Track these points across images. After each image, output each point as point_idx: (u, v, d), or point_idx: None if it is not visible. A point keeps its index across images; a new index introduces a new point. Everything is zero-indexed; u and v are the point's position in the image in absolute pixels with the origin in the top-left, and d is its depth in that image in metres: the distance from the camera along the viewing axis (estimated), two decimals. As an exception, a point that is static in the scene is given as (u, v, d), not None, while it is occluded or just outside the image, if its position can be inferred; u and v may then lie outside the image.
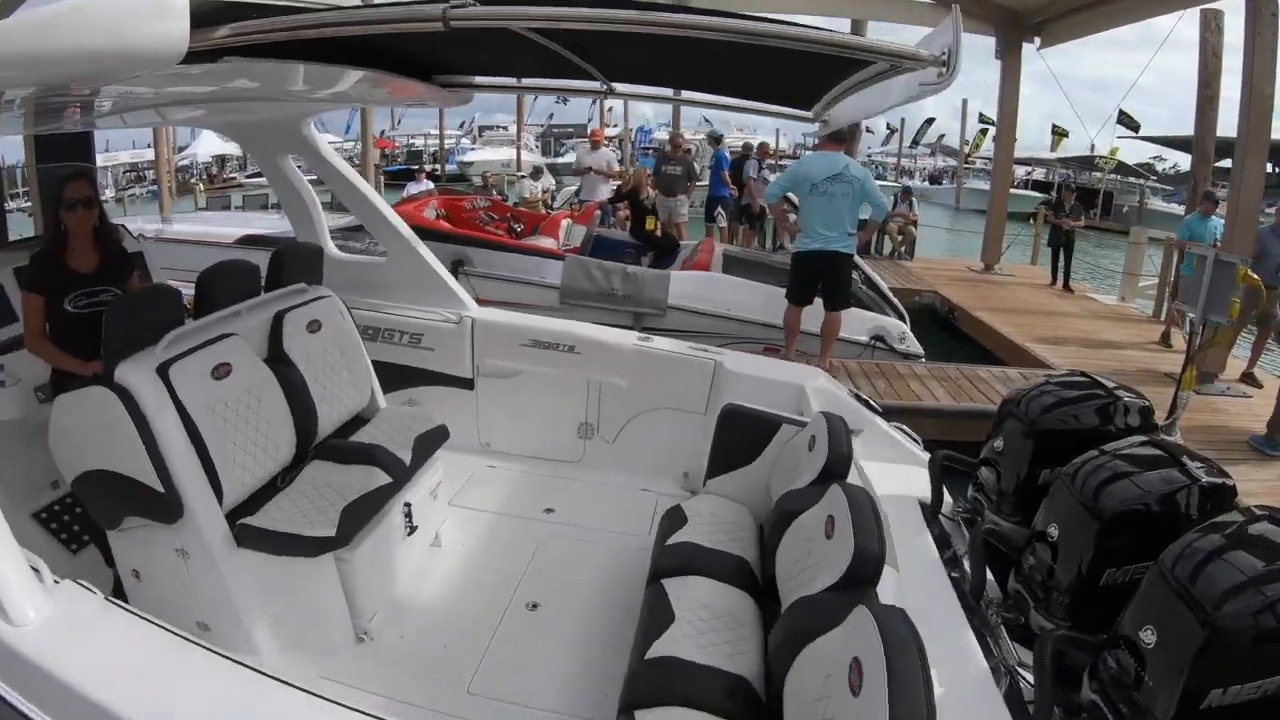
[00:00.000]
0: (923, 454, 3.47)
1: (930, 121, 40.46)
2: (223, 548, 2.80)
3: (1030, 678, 2.07)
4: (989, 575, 2.59)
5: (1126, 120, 22.89)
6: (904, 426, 3.76)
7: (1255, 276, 5.63)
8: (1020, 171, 30.89)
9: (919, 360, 7.25)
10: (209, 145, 40.53)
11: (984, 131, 27.84)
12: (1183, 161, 26.97)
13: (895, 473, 3.06)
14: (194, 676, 1.88)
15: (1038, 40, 11.42)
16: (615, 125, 38.09)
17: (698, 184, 12.54)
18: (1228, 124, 8.41)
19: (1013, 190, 26.77)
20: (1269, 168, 9.75)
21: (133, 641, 1.97)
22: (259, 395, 3.08)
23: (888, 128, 40.38)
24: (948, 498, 3.11)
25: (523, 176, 16.09)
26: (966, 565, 2.66)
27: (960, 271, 12.03)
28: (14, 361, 3.55)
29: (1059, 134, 26.19)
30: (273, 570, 2.88)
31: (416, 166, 33.09)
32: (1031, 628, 2.17)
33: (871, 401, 3.86)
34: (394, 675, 2.88)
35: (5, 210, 4.78)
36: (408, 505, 3.36)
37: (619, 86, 3.39)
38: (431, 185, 14.40)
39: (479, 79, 3.55)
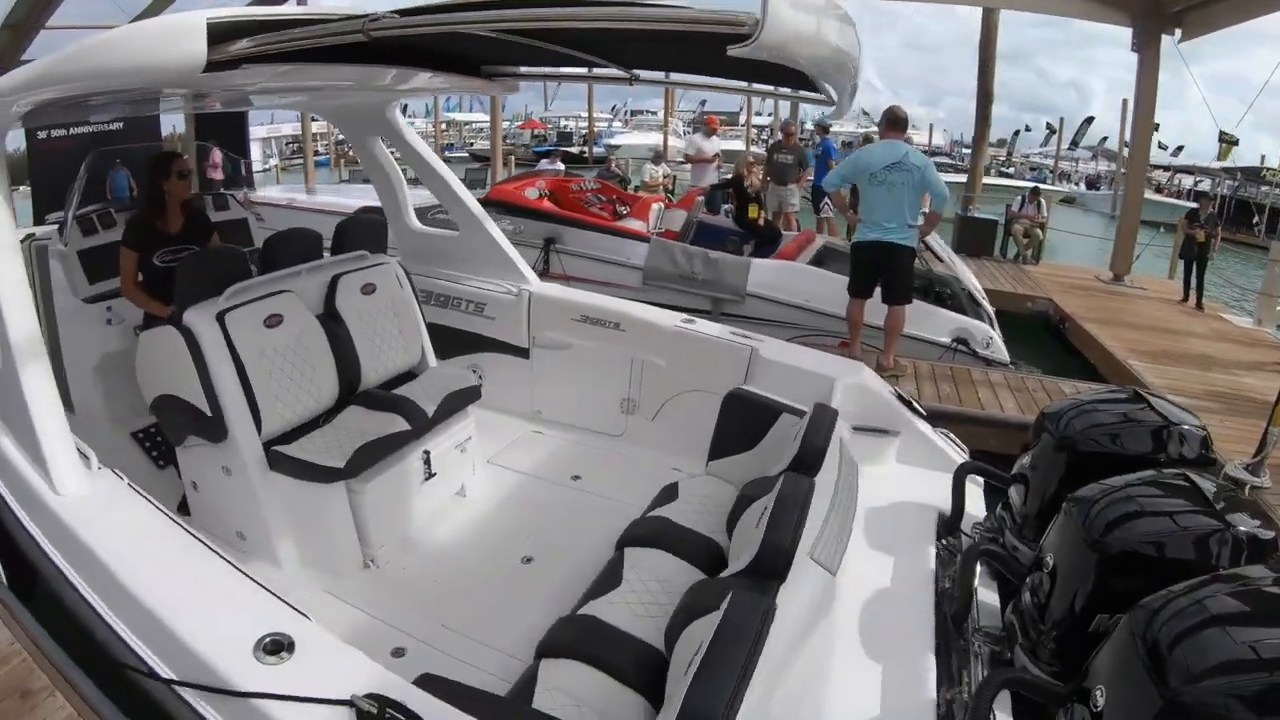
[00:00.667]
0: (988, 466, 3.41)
1: (1089, 121, 37.94)
2: (258, 469, 3.30)
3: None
4: (998, 602, 2.55)
5: None
6: (950, 433, 3.68)
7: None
8: (1188, 181, 28.67)
9: (1004, 367, 6.90)
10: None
11: (1229, 144, 24.78)
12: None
13: (925, 480, 3.01)
14: (184, 555, 2.29)
15: (1178, 32, 10.26)
16: (768, 115, 37.76)
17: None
18: None
19: (1169, 199, 24.99)
20: None
21: (145, 524, 2.43)
22: (306, 345, 3.52)
23: (1047, 127, 38.29)
24: (976, 513, 3.01)
25: (645, 161, 16.22)
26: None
27: (1085, 280, 11.28)
28: (119, 305, 4.33)
29: (1228, 142, 23.83)
30: (297, 493, 3.32)
31: (565, 147, 34.32)
32: (1015, 664, 2.07)
33: (916, 403, 3.77)
34: (386, 600, 3.23)
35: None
36: (426, 453, 3.68)
37: (642, 74, 3.41)
38: (562, 166, 14.75)
39: (522, 69, 3.67)
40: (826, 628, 2.36)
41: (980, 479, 3.33)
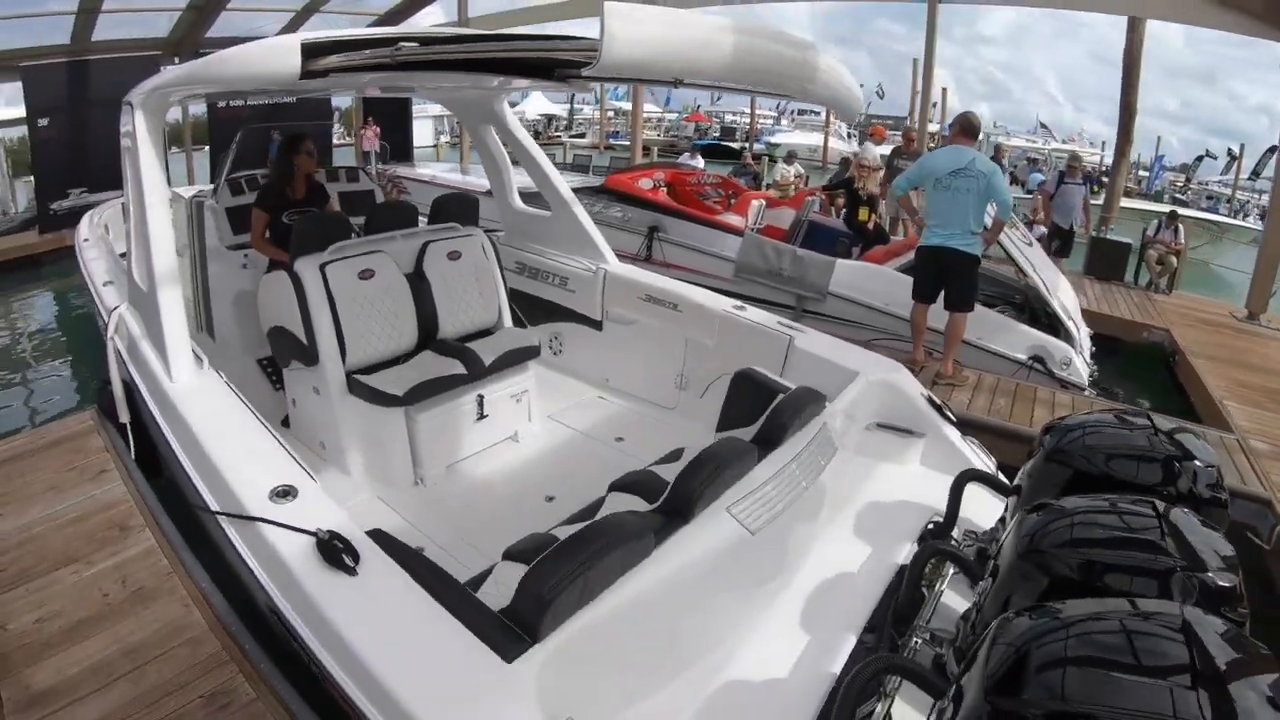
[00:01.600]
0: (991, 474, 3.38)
1: (1274, 151, 34.55)
2: (339, 391, 4.08)
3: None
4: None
5: None
6: (977, 442, 3.74)
7: None
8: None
9: (1079, 391, 6.82)
10: (537, 104, 45.11)
11: None
12: None
13: (941, 485, 2.93)
14: (245, 430, 3.05)
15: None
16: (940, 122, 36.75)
17: None
18: None
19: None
20: None
21: (227, 408, 3.22)
22: (392, 297, 4.27)
23: (1229, 154, 35.26)
24: (973, 522, 2.92)
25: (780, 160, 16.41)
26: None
27: (1217, 315, 10.58)
28: (253, 253, 5.26)
29: None
30: (367, 414, 4.08)
31: (727, 142, 34.76)
32: (947, 666, 2.02)
33: (946, 409, 3.88)
34: (423, 511, 3.93)
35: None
36: (480, 397, 4.36)
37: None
38: (701, 163, 15.14)
39: (584, 72, 4.22)
40: (749, 587, 2.52)
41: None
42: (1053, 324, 7.38)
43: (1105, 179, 18.35)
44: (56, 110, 14.30)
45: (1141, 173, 37.06)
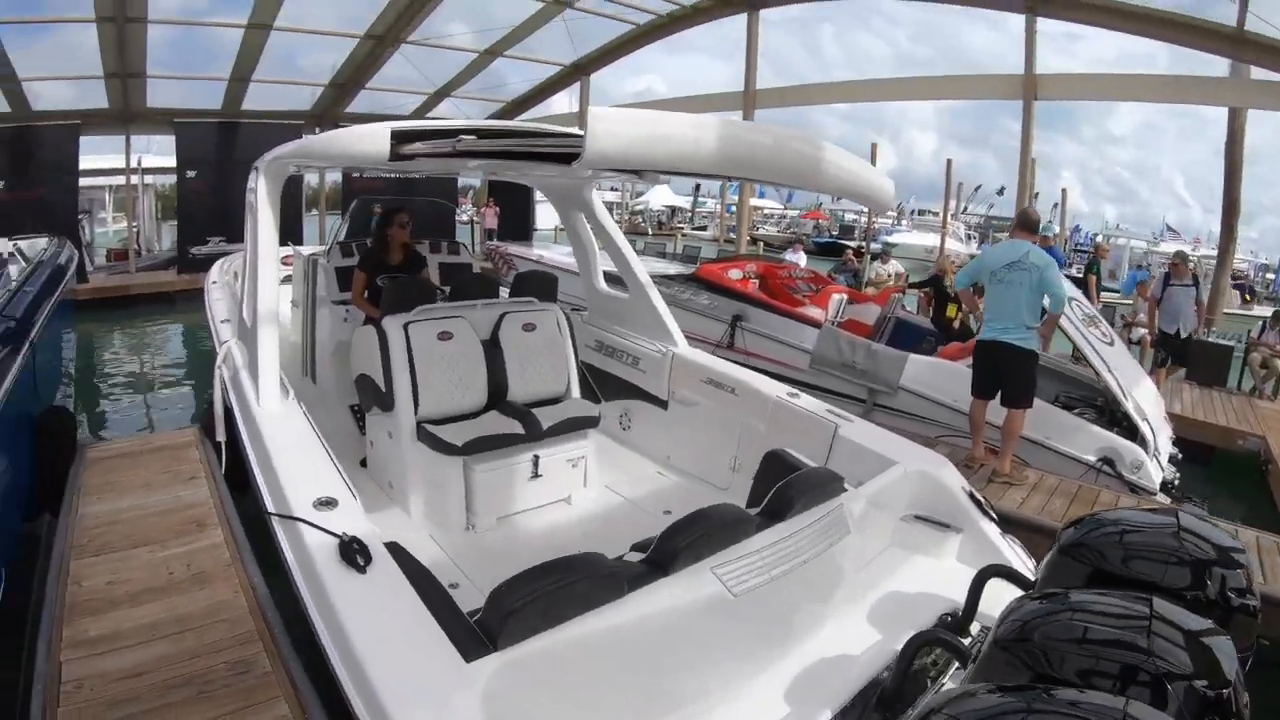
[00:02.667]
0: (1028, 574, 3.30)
1: None
2: (409, 437, 4.46)
3: None
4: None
5: None
6: (1018, 541, 3.65)
7: None
8: None
9: (1149, 496, 6.54)
10: (661, 196, 46.73)
11: None
12: None
13: (965, 579, 2.80)
14: (308, 448, 3.44)
15: None
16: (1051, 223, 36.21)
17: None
18: None
19: None
20: None
21: (299, 431, 3.60)
22: (467, 359, 4.68)
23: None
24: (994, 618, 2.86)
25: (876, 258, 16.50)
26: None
27: (1328, 424, 9.93)
28: (353, 309, 5.91)
29: None
30: (430, 461, 4.44)
31: (844, 240, 35.02)
32: None
33: (986, 504, 3.78)
34: (469, 554, 4.23)
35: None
36: (536, 457, 4.62)
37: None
38: (804, 258, 15.37)
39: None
40: (725, 650, 2.52)
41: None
42: (1132, 427, 7.16)
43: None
44: (204, 164, 15.94)
45: (1269, 275, 35.36)
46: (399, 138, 2.96)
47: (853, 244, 33.90)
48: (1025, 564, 3.39)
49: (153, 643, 2.92)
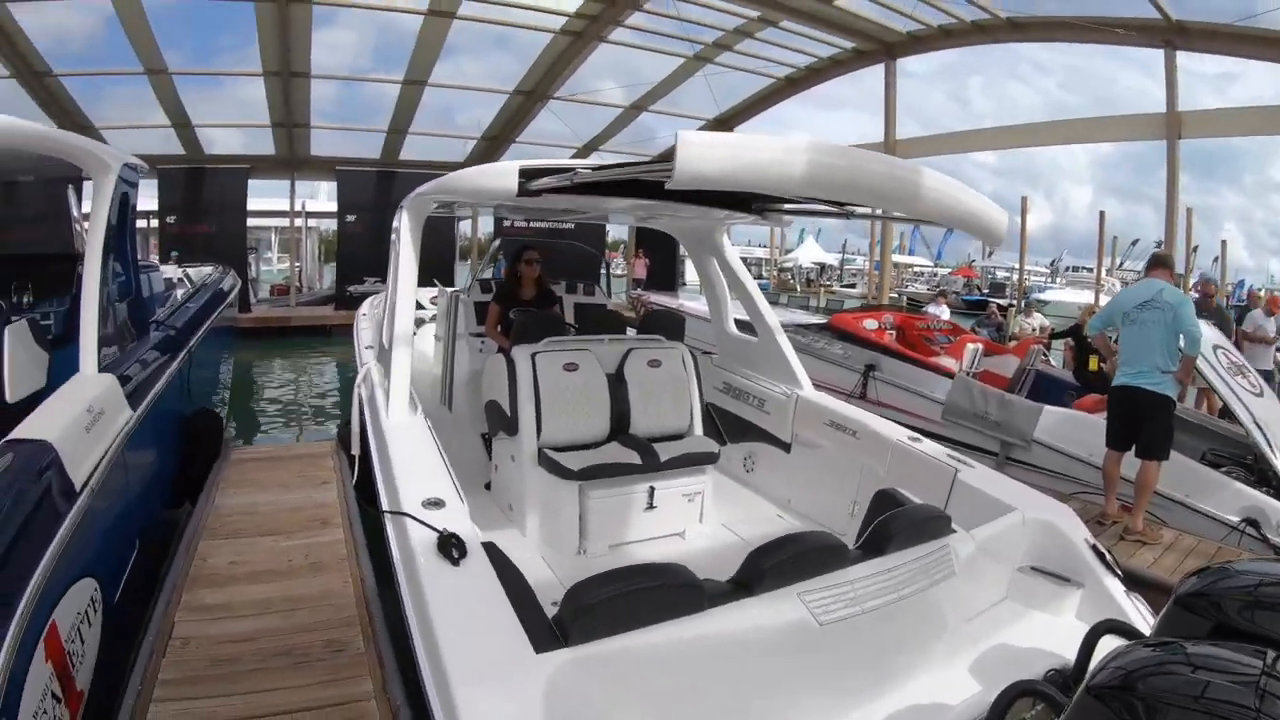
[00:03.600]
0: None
1: None
2: (530, 461, 4.58)
3: None
4: None
5: None
6: (1143, 601, 3.44)
7: None
8: None
9: (1295, 561, 5.86)
10: (810, 252, 46.56)
11: None
12: None
13: (1077, 636, 2.68)
14: (425, 455, 3.55)
15: None
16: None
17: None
18: None
19: None
20: None
21: (420, 440, 3.73)
22: (591, 390, 4.79)
23: None
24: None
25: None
26: None
27: None
28: (488, 341, 6.27)
29: None
30: (548, 485, 4.54)
31: (995, 298, 33.84)
32: None
33: (1110, 559, 3.58)
34: (577, 578, 4.32)
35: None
36: (651, 488, 4.65)
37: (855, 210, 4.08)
38: (946, 311, 14.99)
39: (785, 206, 4.41)
40: (805, 679, 2.49)
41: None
42: (1260, 481, 6.48)
43: None
44: (362, 209, 17.16)
45: None
46: (526, 175, 3.16)
47: (1003, 300, 32.74)
48: (1148, 624, 3.08)
49: (261, 616, 3.15)
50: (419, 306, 7.14)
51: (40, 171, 5.31)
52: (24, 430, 2.88)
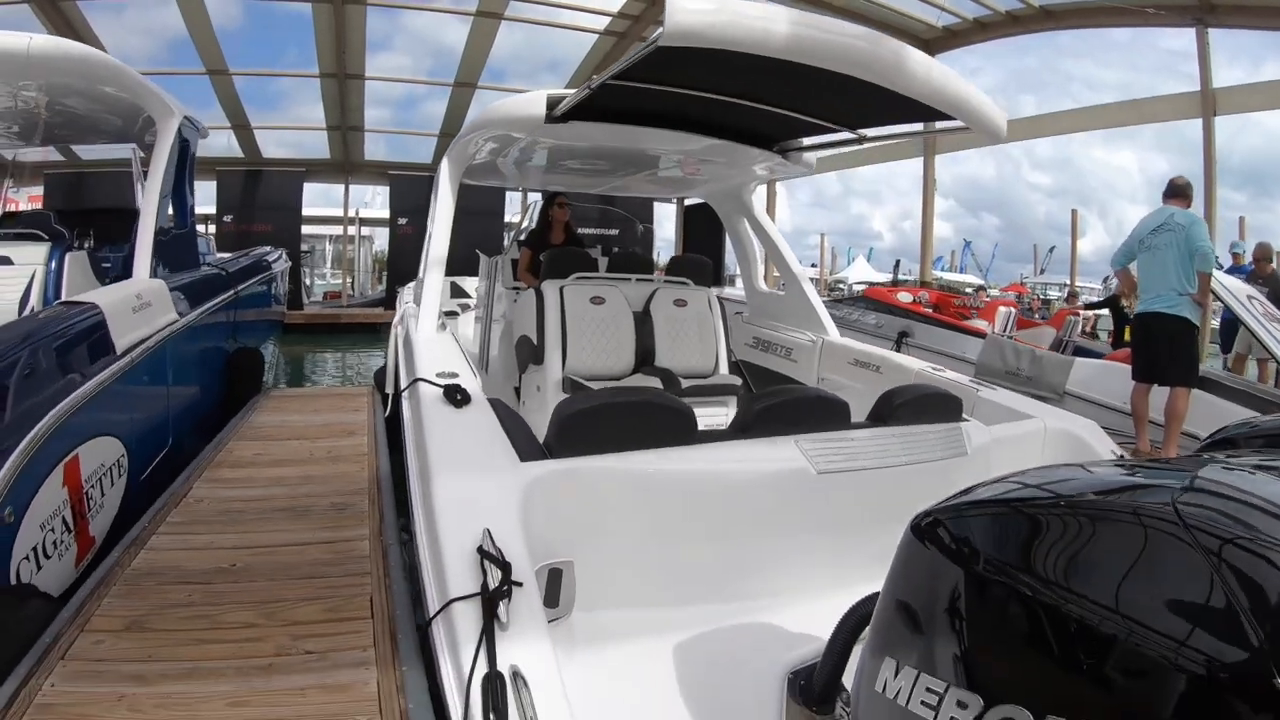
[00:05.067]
0: None
1: None
2: (554, 388, 4.75)
3: None
4: None
5: None
6: None
7: None
8: None
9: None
10: (860, 271, 46.23)
11: None
12: None
13: None
14: (450, 354, 3.54)
15: None
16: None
17: None
18: None
19: None
20: None
21: (444, 343, 3.80)
22: (617, 324, 4.99)
23: None
24: None
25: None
26: None
27: None
28: (522, 290, 6.31)
29: None
30: None
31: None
32: None
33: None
34: None
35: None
36: None
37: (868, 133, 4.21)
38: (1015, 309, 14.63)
39: (805, 141, 4.55)
40: (796, 524, 2.51)
41: None
42: None
43: None
44: (413, 212, 17.63)
45: None
46: (553, 103, 3.35)
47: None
48: None
49: (274, 486, 3.41)
50: (463, 294, 7.39)
51: (109, 114, 5.48)
52: (78, 297, 3.16)
